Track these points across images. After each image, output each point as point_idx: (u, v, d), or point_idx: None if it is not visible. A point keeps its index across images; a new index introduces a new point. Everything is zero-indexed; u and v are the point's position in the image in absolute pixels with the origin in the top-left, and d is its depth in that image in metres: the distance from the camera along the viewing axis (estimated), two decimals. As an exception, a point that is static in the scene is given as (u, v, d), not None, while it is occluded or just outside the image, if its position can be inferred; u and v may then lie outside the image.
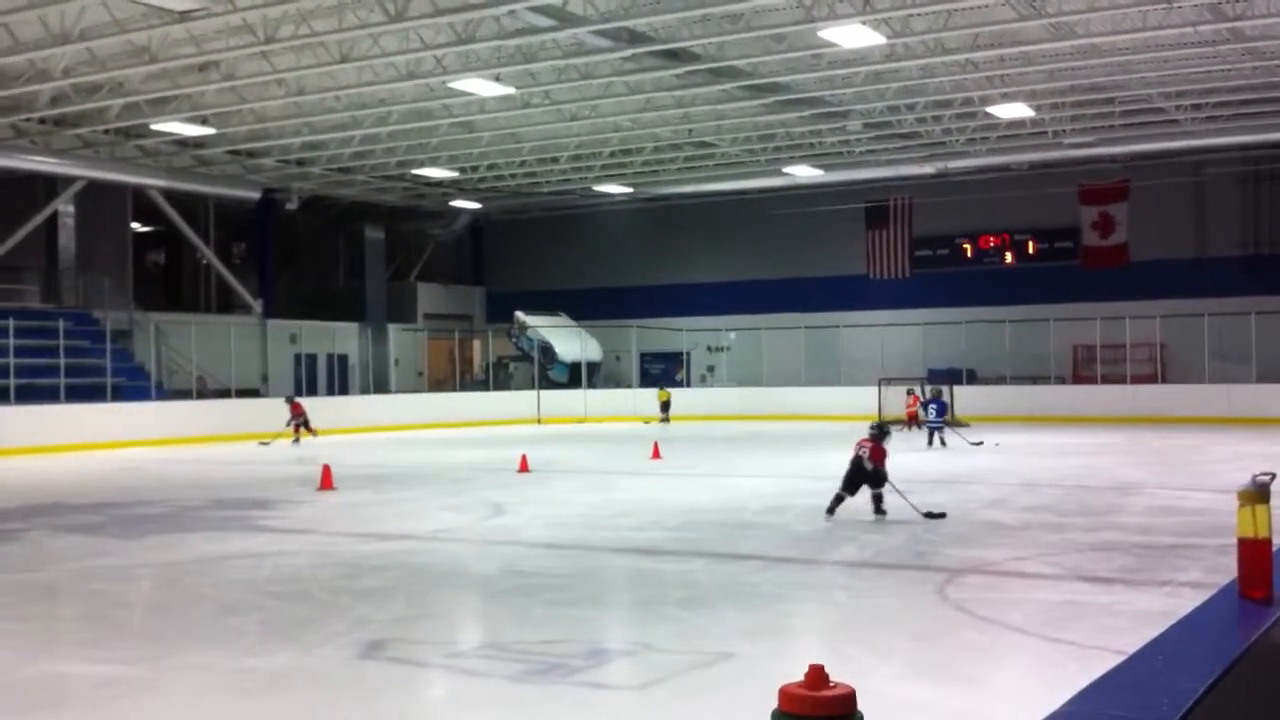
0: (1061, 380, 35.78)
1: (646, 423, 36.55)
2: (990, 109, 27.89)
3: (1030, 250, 37.64)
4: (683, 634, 7.65)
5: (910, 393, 29.73)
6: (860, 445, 13.35)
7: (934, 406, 25.16)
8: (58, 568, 10.92)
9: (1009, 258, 37.95)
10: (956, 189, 35.82)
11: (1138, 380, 33.72)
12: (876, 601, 8.72)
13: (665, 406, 37.32)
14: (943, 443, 23.95)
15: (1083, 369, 35.83)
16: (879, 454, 13.29)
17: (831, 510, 13.10)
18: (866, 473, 13.14)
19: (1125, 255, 35.45)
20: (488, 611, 8.91)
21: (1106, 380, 34.36)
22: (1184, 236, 35.11)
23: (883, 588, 9.30)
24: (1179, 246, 34.98)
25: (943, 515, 12.92)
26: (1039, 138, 31.37)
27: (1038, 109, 28.18)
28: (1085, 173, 34.97)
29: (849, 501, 13.11)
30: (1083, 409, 32.45)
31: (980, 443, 16.41)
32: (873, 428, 13.93)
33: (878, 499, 13.10)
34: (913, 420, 27.94)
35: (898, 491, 13.01)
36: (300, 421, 27.90)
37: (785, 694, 3.12)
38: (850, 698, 3.09)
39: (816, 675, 3.11)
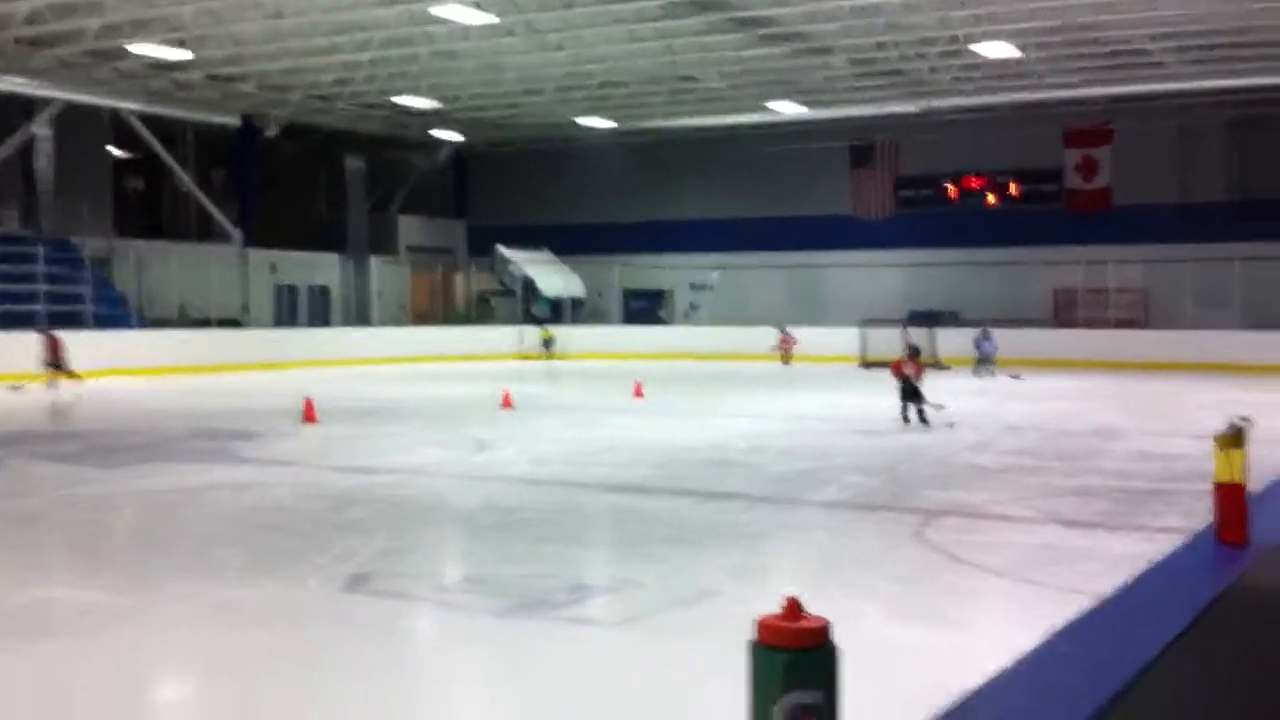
0: (1044, 324, 35.88)
1: (526, 359, 36.62)
2: (975, 47, 27.67)
3: (1013, 192, 37.56)
4: (665, 571, 7.71)
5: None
6: (902, 365, 16.69)
7: (988, 344, 28.85)
8: (39, 496, 10.93)
9: (992, 199, 37.88)
10: (941, 129, 35.68)
11: (1120, 325, 33.85)
12: (857, 542, 8.80)
13: (548, 344, 37.31)
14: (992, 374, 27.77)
15: (1064, 313, 35.94)
16: (897, 368, 16.79)
17: (906, 419, 16.32)
18: (909, 387, 16.33)
19: (1108, 199, 35.45)
20: (471, 546, 8.96)
21: (1089, 324, 34.48)
22: (1168, 181, 35.07)
23: (863, 529, 9.38)
24: (1163, 191, 34.94)
25: (953, 424, 16.07)
26: (1024, 78, 31.19)
27: (1023, 48, 27.98)
28: (1070, 115, 34.87)
29: (834, 441, 13.98)
30: (1065, 353, 32.53)
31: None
32: (908, 346, 17.74)
33: (920, 411, 16.23)
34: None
35: (923, 404, 16.21)
36: (53, 362, 24.26)
37: (762, 625, 3.17)
38: (824, 629, 3.14)
39: (793, 607, 3.16)
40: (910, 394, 16.46)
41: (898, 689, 5.08)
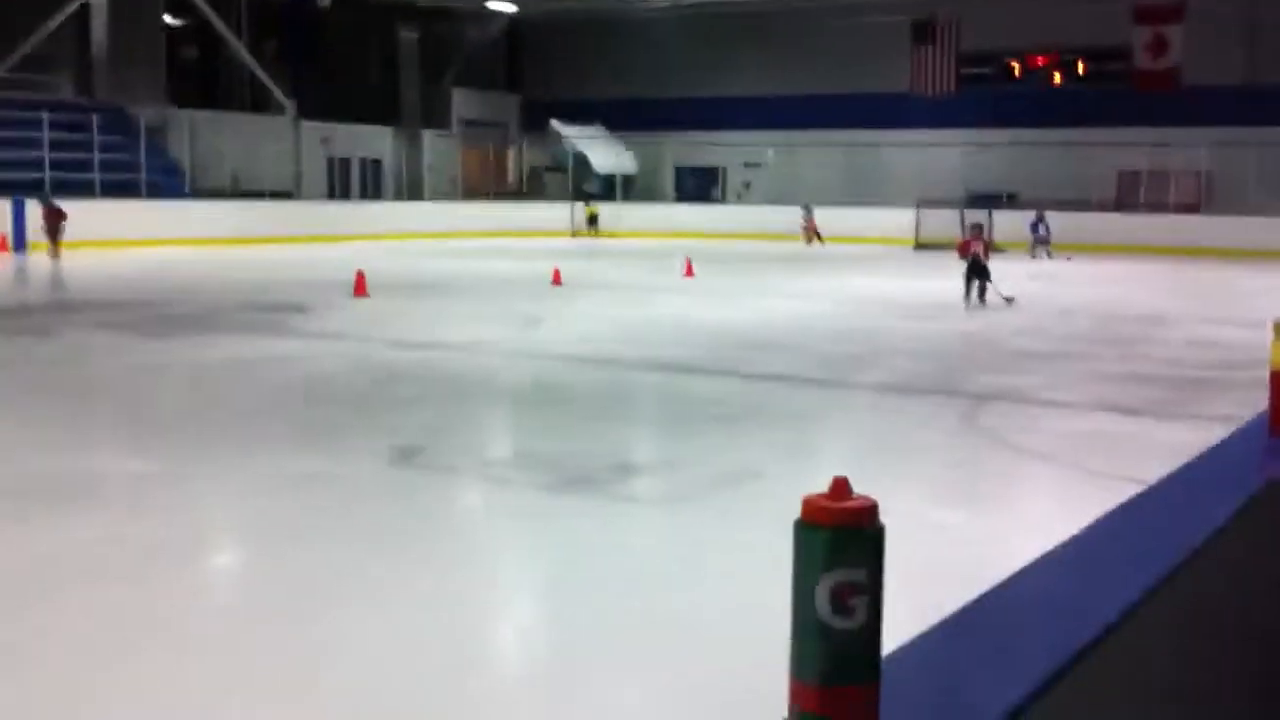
0: (1104, 207, 35.22)
1: (575, 236, 36.49)
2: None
3: (1080, 71, 36.60)
4: (710, 451, 7.73)
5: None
6: (969, 243, 17.01)
7: (1043, 227, 29.57)
8: (91, 364, 11.09)
9: (1057, 78, 36.94)
10: (1006, 3, 34.68)
11: (1181, 209, 33.17)
12: (903, 426, 8.76)
13: (593, 220, 37.26)
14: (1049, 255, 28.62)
15: (1126, 196, 35.23)
16: (964, 247, 17.21)
17: (968, 299, 16.60)
18: (977, 265, 16.64)
19: (1177, 78, 34.42)
20: (518, 422, 9.02)
21: (1150, 209, 33.81)
22: (1237, 62, 33.96)
23: (911, 412, 9.33)
24: (1231, 72, 33.87)
25: (1011, 299, 16.51)
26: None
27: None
28: (1141, -10, 33.76)
29: (884, 324, 14.26)
30: (1123, 238, 31.97)
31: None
32: (973, 224, 17.93)
33: (983, 289, 16.58)
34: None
35: (988, 281, 16.65)
36: (53, 229, 24.23)
37: (808, 504, 3.16)
38: (872, 509, 3.13)
39: (840, 487, 3.14)
40: (976, 272, 16.73)
41: (939, 570, 5.09)
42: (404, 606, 4.89)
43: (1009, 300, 16.56)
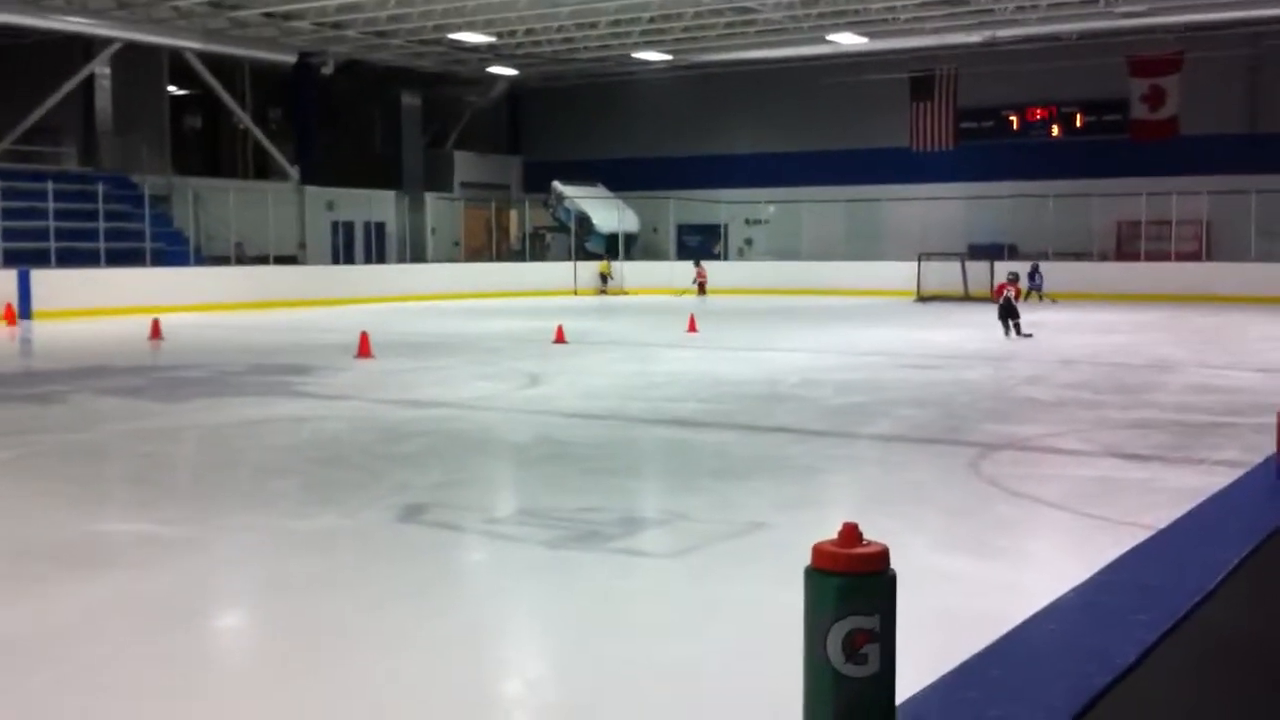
0: (1105, 257, 35.33)
1: (580, 294, 37.16)
2: (1041, -25, 27.10)
3: (1077, 123, 36.86)
4: (716, 504, 7.71)
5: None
6: (1003, 288, 20.62)
7: (1038, 276, 31.68)
8: (102, 429, 11.09)
9: (1055, 130, 37.20)
10: (1004, 59, 34.99)
11: (1182, 258, 33.28)
12: (910, 475, 8.74)
13: (604, 278, 37.72)
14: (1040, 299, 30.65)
15: (1127, 245, 35.35)
16: (1000, 291, 20.74)
17: (1006, 333, 19.81)
18: (1009, 305, 20.16)
19: (1175, 129, 34.63)
20: (524, 479, 9.00)
21: (1150, 257, 33.91)
22: (1236, 111, 34.23)
23: (916, 462, 9.32)
24: (1231, 121, 34.12)
25: (1030, 335, 19.56)
26: (1090, 6, 30.49)
27: (1090, -25, 27.37)
28: (1137, 43, 34.03)
29: (888, 375, 14.46)
30: (1125, 286, 32.08)
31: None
32: (1010, 274, 21.81)
33: (1016, 326, 19.92)
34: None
35: (1019, 320, 20.02)
36: None
37: (819, 550, 3.13)
38: (884, 554, 3.11)
39: (850, 532, 3.13)
40: (1008, 311, 20.24)
41: (947, 617, 5.05)
42: (413, 661, 4.86)
43: (1028, 336, 19.62)
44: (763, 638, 5.02)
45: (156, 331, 20.55)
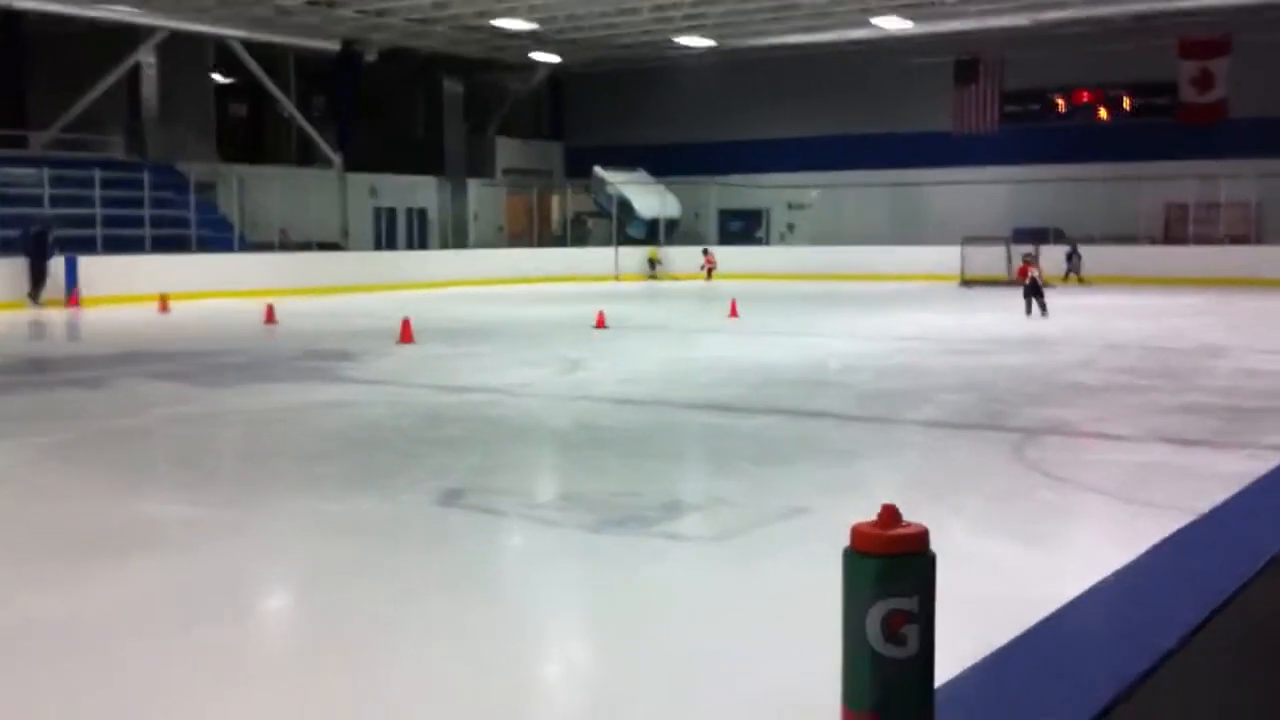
0: (1152, 240, 34.93)
1: (628, 280, 37.13)
2: (1088, -44, 26.78)
3: (1125, 106, 36.42)
4: (757, 488, 7.68)
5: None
6: (1027, 269, 21.57)
7: (1075, 257, 32.43)
8: (147, 414, 11.19)
9: (1103, 113, 36.77)
10: (1050, 42, 34.60)
11: (1230, 241, 32.84)
12: (951, 460, 8.68)
13: (653, 264, 37.80)
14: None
15: (1174, 229, 34.93)
16: (1023, 271, 21.77)
17: (1029, 311, 20.81)
18: (1034, 285, 21.05)
19: (1223, 112, 34.15)
20: (563, 463, 9.02)
21: (1198, 241, 33.50)
22: (1286, 93, 33.67)
23: (958, 447, 9.25)
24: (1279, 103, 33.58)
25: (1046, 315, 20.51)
26: (1138, -12, 30.12)
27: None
28: (1186, 25, 33.56)
29: (931, 361, 14.41)
30: (1172, 270, 31.69)
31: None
32: (1026, 254, 22.76)
33: (1042, 305, 20.86)
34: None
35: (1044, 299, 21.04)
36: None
37: (858, 532, 3.12)
38: (923, 535, 3.08)
39: (890, 514, 3.11)
40: (1033, 291, 21.10)
41: (988, 601, 5.01)
42: (451, 645, 4.88)
43: (1040, 314, 20.66)
44: (803, 620, 5.01)
45: (271, 316, 20.84)
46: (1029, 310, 20.86)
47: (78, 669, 4.65)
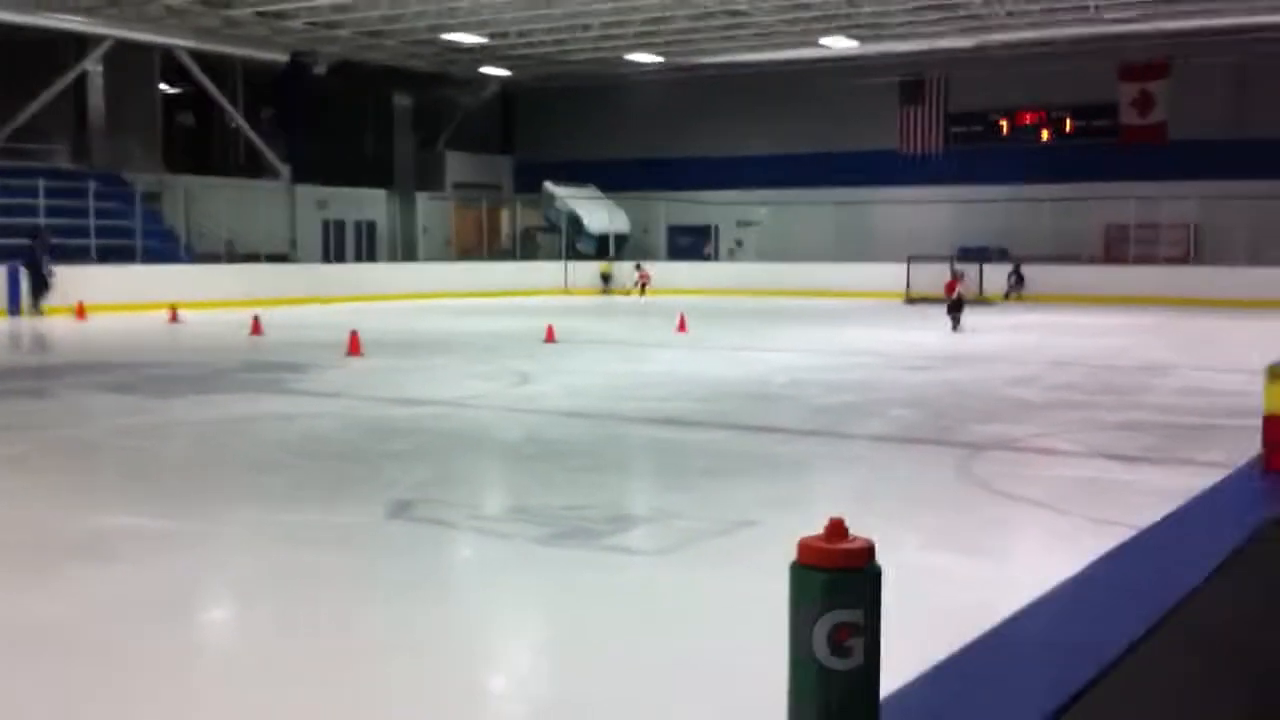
0: (1093, 260, 35.45)
1: (577, 294, 37.27)
2: (1032, -20, 27.18)
3: (1067, 128, 36.97)
4: (705, 502, 7.73)
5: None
6: (954, 285, 22.83)
7: (1014, 276, 33.14)
8: (94, 425, 11.08)
9: (1045, 135, 37.31)
10: (994, 64, 35.09)
11: (1170, 261, 33.39)
12: (899, 474, 8.78)
13: (606, 278, 38.03)
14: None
15: (1115, 249, 35.48)
16: (950, 287, 22.89)
17: (955, 326, 21.89)
18: (958, 300, 22.31)
19: (1164, 134, 34.76)
20: (512, 476, 9.02)
21: (1139, 261, 34.03)
22: (1225, 117, 34.29)
23: (905, 461, 9.35)
24: (1219, 127, 34.19)
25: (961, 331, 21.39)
26: (1080, 12, 30.56)
27: (1081, -19, 27.43)
28: (1126, 49, 34.15)
29: (878, 376, 14.64)
30: (1114, 289, 32.19)
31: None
32: (955, 271, 24.11)
33: (955, 320, 21.99)
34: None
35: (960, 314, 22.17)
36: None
37: (804, 546, 3.16)
38: (869, 549, 3.13)
39: (836, 528, 3.15)
40: (955, 306, 22.30)
41: (934, 615, 5.08)
42: (401, 657, 4.88)
43: (957, 327, 21.75)
44: (751, 633, 5.05)
45: (257, 328, 20.75)
46: (955, 326, 21.93)
47: (18, 679, 4.60)
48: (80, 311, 24.67)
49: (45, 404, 12.36)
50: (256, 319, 21.30)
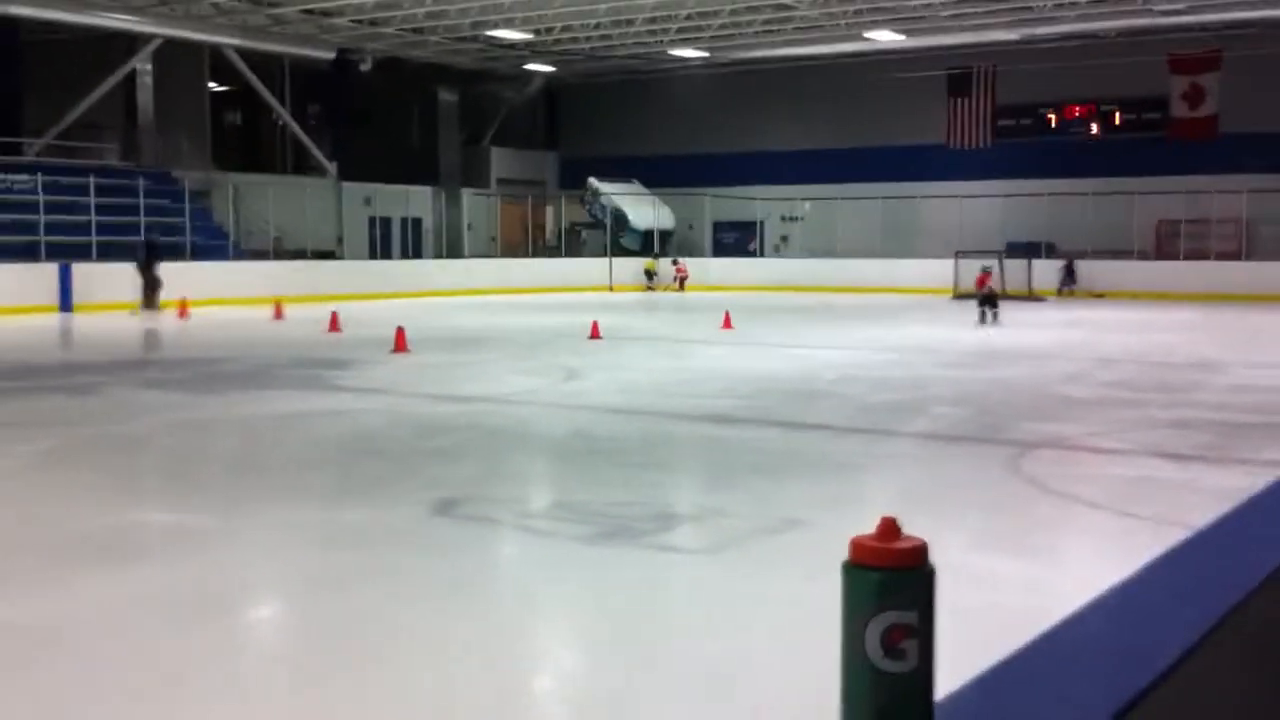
0: (1144, 255, 35.04)
1: (620, 291, 37.15)
2: (1082, -29, 26.88)
3: (1116, 121, 36.55)
4: (751, 500, 7.68)
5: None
6: (985, 279, 23.33)
7: (1063, 272, 33.01)
8: (139, 421, 11.16)
9: (1094, 128, 36.91)
10: (1042, 56, 34.71)
11: (1221, 257, 32.94)
12: (948, 473, 8.69)
13: (650, 275, 37.84)
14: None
15: (1166, 244, 35.04)
16: (981, 282, 23.34)
17: (982, 320, 21.99)
18: (988, 294, 22.57)
19: (1214, 127, 34.25)
20: (558, 473, 9.01)
21: (1190, 256, 33.60)
22: (1276, 110, 33.75)
23: (954, 459, 9.26)
24: (1271, 120, 33.64)
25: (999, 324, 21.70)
26: (1129, 3, 30.23)
27: (1131, -28, 27.10)
28: (1176, 41, 33.69)
29: (925, 373, 14.45)
30: (1164, 285, 31.81)
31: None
32: (984, 266, 24.15)
33: (994, 314, 22.13)
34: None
35: (993, 311, 22.25)
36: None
37: (856, 545, 3.11)
38: (923, 549, 3.07)
39: (888, 527, 3.09)
40: (987, 300, 22.48)
41: (985, 615, 5.02)
42: (445, 655, 4.87)
43: (991, 321, 21.90)
44: (799, 633, 5.00)
45: (335, 324, 20.96)
46: (982, 319, 22.04)
47: (58, 674, 4.63)
48: (184, 309, 24.80)
49: (89, 399, 12.46)
50: (335, 315, 21.51)
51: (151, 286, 25.95)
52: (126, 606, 5.51)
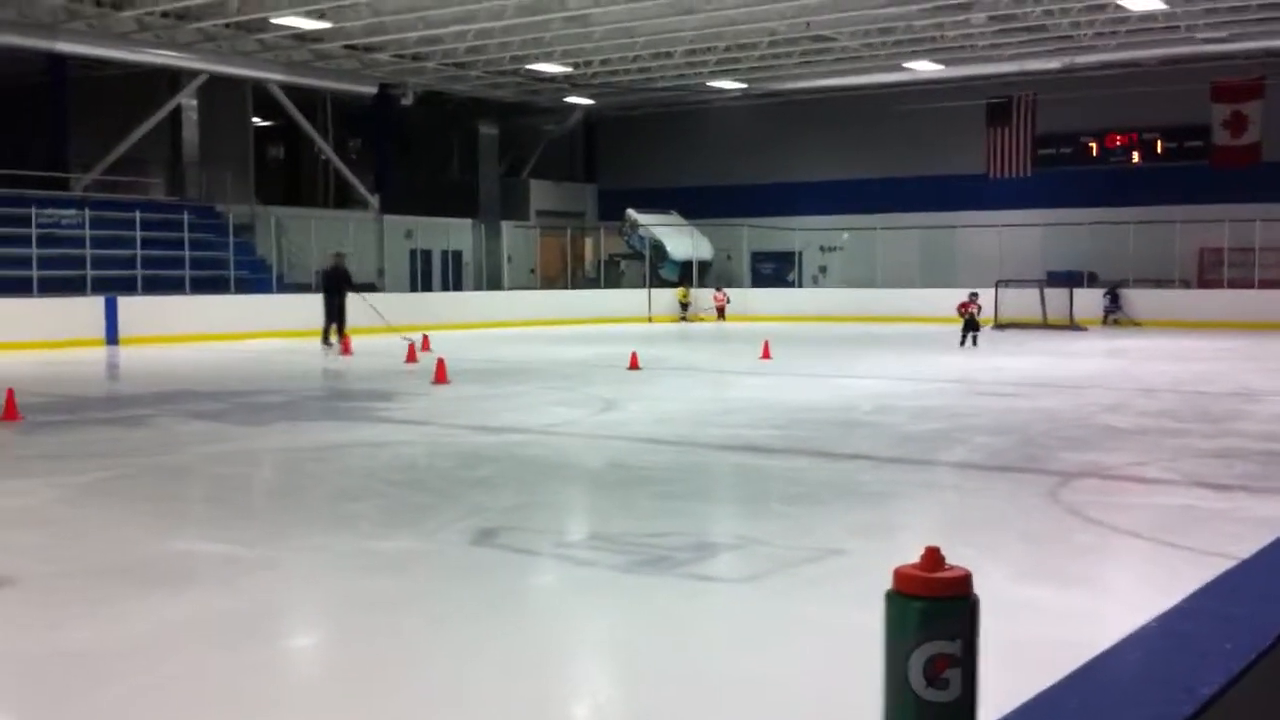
0: (1186, 284, 34.76)
1: (659, 321, 37.27)
2: (1121, 1, 26.79)
3: (1158, 150, 36.37)
4: (790, 530, 7.67)
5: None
6: (968, 305, 24.37)
7: (1108, 300, 33.06)
8: (184, 452, 11.28)
9: (1136, 157, 36.73)
10: (1083, 85, 34.61)
11: (1265, 285, 32.62)
12: (987, 502, 8.65)
13: (684, 305, 38.01)
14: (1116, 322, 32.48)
15: (1209, 272, 34.75)
16: (964, 307, 24.44)
17: (963, 343, 23.68)
18: (972, 321, 24.21)
19: (1258, 155, 34.00)
20: (596, 503, 9.03)
21: (1233, 285, 33.29)
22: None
23: (994, 489, 9.21)
24: (1315, 147, 33.41)
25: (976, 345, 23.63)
26: (1170, 32, 30.09)
27: (1170, 1, 26.98)
28: (1218, 69, 33.51)
29: (965, 402, 14.49)
30: (1207, 314, 31.52)
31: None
32: (970, 293, 25.24)
33: (974, 338, 23.97)
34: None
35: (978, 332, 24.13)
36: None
37: (901, 574, 3.11)
38: (966, 579, 3.07)
39: (933, 556, 3.09)
40: (971, 325, 24.18)
41: (1027, 646, 4.99)
42: (482, 682, 4.90)
43: (972, 345, 23.40)
44: (839, 663, 5.00)
45: (413, 355, 21.13)
46: (963, 342, 23.83)
47: (109, 700, 4.69)
48: (346, 346, 24.27)
49: (135, 431, 12.61)
50: (412, 346, 21.74)
51: (338, 318, 24.54)
52: (179, 630, 5.58)
